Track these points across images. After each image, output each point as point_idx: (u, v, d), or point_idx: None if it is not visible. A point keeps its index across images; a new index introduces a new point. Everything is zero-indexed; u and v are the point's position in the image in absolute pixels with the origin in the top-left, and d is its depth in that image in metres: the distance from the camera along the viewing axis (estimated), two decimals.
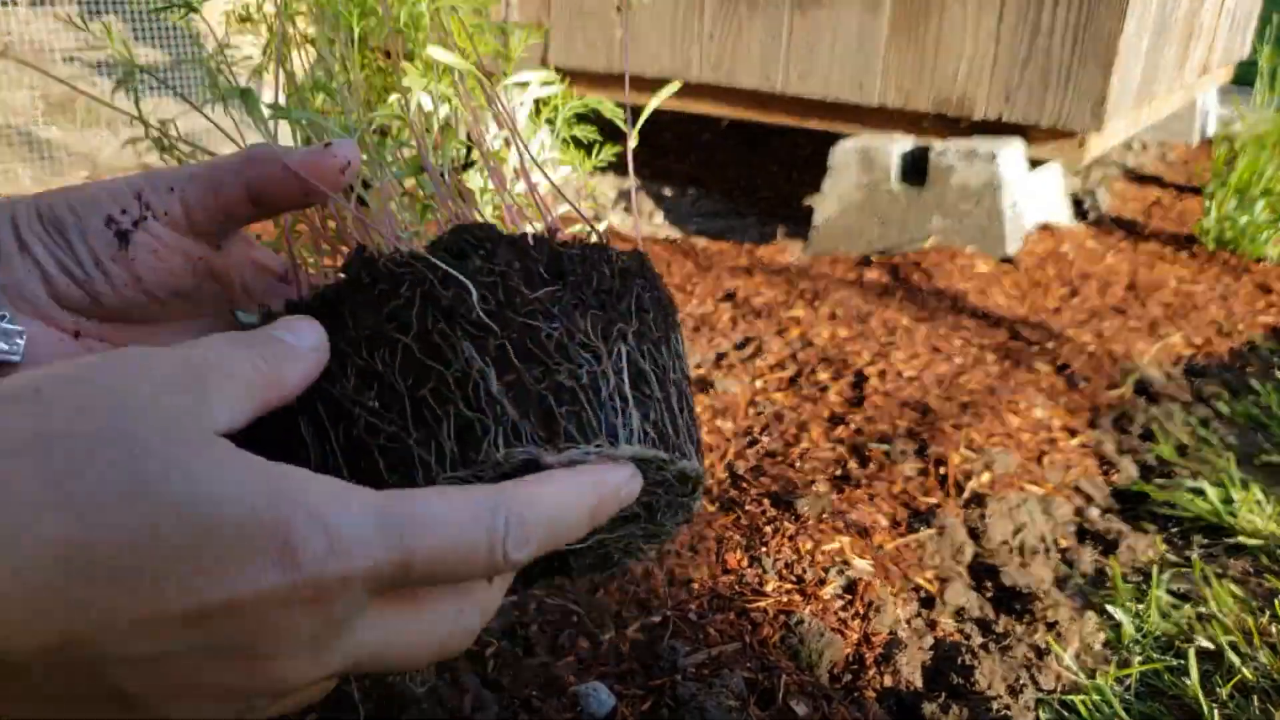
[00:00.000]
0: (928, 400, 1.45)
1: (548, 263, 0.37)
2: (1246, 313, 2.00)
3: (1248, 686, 0.94)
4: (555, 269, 0.37)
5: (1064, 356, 1.70)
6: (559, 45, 2.73)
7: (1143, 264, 2.24)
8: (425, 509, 0.27)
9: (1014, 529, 1.18)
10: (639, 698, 0.85)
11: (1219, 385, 1.67)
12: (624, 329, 0.37)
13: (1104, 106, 2.11)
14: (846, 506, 1.17)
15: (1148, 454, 1.42)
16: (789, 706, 0.85)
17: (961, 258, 2.12)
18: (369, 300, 0.35)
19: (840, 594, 1.03)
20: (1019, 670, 0.94)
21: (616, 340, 0.36)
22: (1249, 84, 2.76)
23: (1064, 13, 2.10)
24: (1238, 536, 1.20)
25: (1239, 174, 2.31)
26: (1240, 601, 1.07)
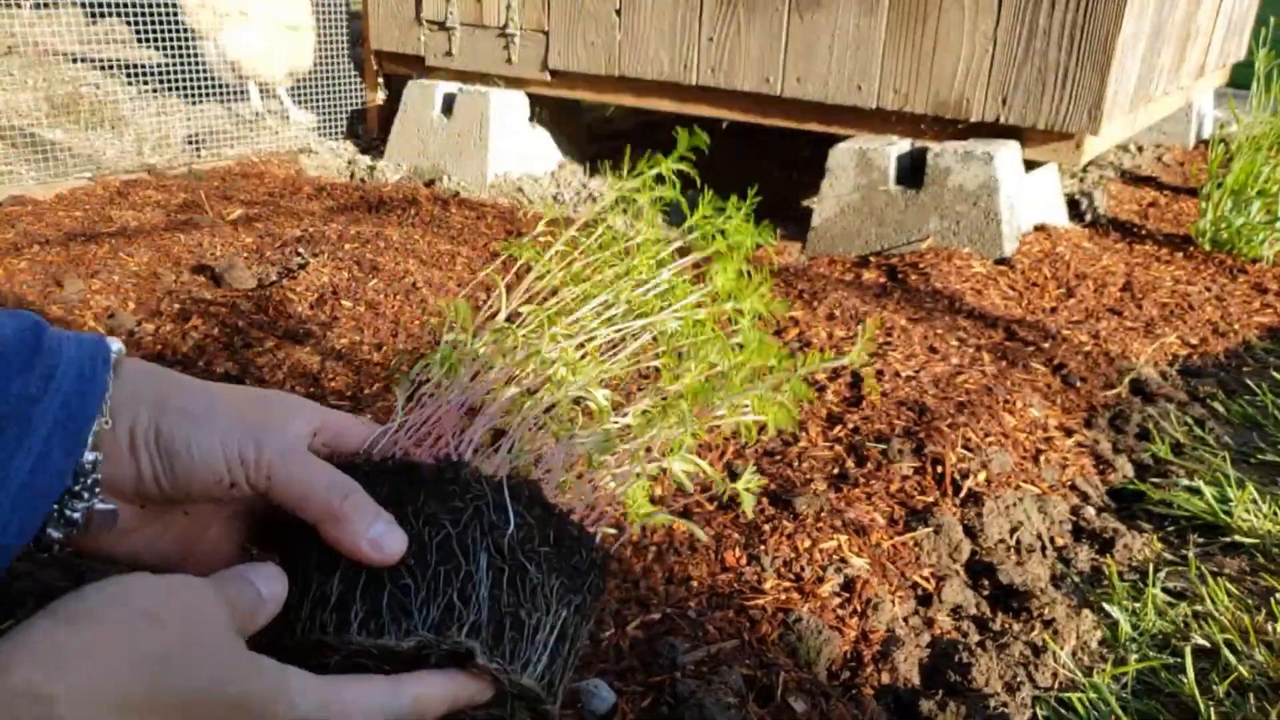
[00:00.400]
0: (925, 400, 1.46)
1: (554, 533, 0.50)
2: (1242, 313, 2.01)
3: (1244, 684, 0.94)
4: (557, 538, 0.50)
5: (1060, 356, 1.70)
6: (559, 48, 2.74)
7: (1139, 265, 2.25)
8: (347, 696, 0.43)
9: (1010, 527, 1.18)
10: (639, 694, 0.86)
11: (1215, 385, 1.68)
12: (572, 599, 0.50)
13: (1100, 109, 2.12)
14: (844, 505, 1.18)
15: (1144, 453, 1.43)
16: (787, 703, 0.86)
17: (958, 258, 2.12)
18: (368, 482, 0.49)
19: (838, 592, 1.03)
20: (1016, 668, 0.95)
21: (561, 605, 0.49)
22: (1245, 86, 2.77)
23: (1061, 15, 2.11)
24: (1234, 535, 1.21)
25: (1235, 175, 2.32)
26: (1236, 600, 1.07)
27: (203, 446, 0.46)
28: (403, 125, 2.98)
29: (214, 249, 2.09)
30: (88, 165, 2.73)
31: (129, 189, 2.53)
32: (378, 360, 1.63)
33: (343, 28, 3.29)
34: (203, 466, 0.46)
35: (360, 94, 3.34)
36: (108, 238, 2.12)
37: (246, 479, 0.46)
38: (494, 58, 2.87)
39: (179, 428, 0.46)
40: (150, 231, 2.18)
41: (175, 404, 0.47)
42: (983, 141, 2.24)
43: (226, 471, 0.46)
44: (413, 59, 3.07)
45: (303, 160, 3.03)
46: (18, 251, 1.99)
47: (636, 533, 1.11)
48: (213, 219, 2.32)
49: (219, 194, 2.54)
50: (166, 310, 1.76)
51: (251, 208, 2.44)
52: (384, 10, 3.06)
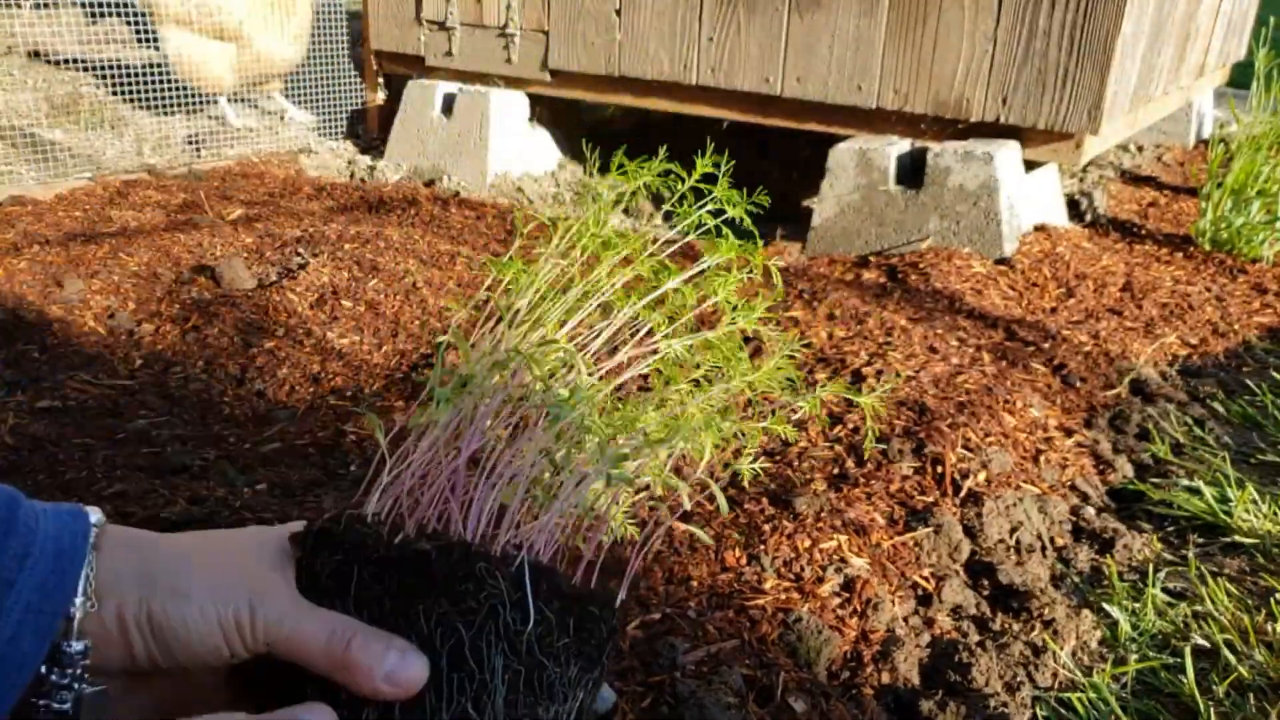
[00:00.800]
0: (925, 400, 1.46)
1: (575, 622, 0.48)
2: (1242, 313, 2.01)
3: (1244, 684, 0.94)
4: (577, 627, 0.48)
5: (1060, 356, 1.70)
6: (558, 49, 2.74)
7: (1139, 265, 2.25)
8: None
9: (1010, 527, 1.18)
10: (639, 694, 0.86)
11: (1215, 385, 1.68)
12: (588, 680, 0.48)
13: (1100, 108, 2.12)
14: (844, 505, 1.18)
15: (1144, 453, 1.43)
16: (787, 703, 0.86)
17: (958, 258, 2.12)
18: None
19: (838, 592, 1.03)
20: (1016, 668, 0.95)
21: (580, 689, 0.48)
22: (1245, 86, 2.77)
23: (1061, 15, 2.11)
24: (1234, 535, 1.21)
25: (1235, 175, 2.32)
26: (1236, 600, 1.07)
27: (197, 623, 0.44)
28: (403, 125, 2.98)
29: (214, 249, 2.09)
30: (88, 165, 2.73)
31: (129, 189, 2.53)
32: (378, 360, 1.63)
33: (342, 28, 3.29)
34: (199, 642, 0.45)
35: (360, 94, 3.34)
36: (108, 238, 2.12)
37: (244, 645, 0.45)
38: (494, 58, 2.87)
39: (171, 606, 0.44)
40: (150, 232, 2.18)
41: (165, 582, 0.45)
42: (983, 141, 2.24)
43: (225, 644, 0.45)
44: (413, 59, 3.07)
45: (302, 160, 3.03)
46: (18, 251, 1.99)
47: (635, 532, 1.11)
48: (212, 219, 2.32)
49: (219, 194, 2.54)
50: (166, 310, 1.76)
51: (251, 208, 2.44)
52: (384, 10, 3.06)
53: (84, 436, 1.28)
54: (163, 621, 0.44)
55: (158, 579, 0.45)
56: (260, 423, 1.38)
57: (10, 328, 1.63)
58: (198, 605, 0.44)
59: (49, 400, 1.38)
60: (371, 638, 0.45)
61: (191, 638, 0.44)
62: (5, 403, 1.35)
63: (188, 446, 1.29)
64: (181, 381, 1.50)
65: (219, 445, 1.32)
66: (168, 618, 0.44)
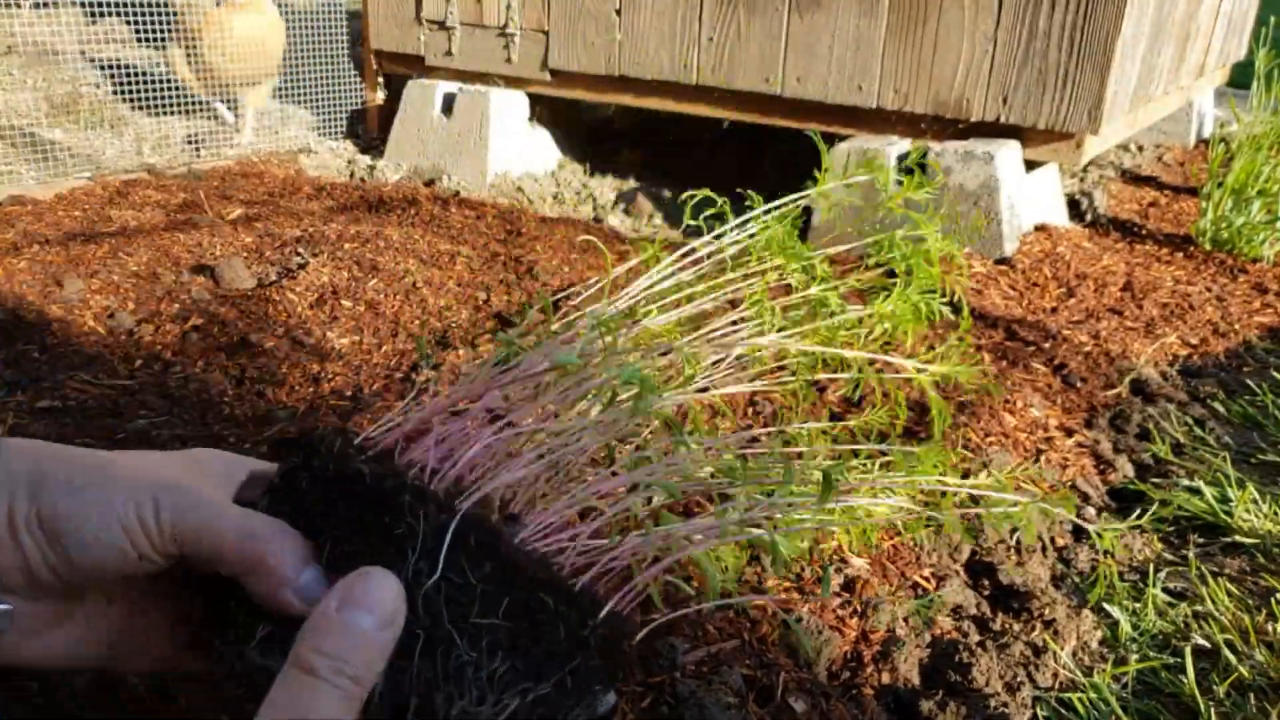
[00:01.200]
0: (925, 400, 1.46)
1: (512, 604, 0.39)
2: (1242, 313, 2.01)
3: (1244, 684, 0.94)
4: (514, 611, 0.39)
5: (1061, 356, 1.70)
6: (558, 48, 2.74)
7: (1139, 265, 2.25)
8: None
9: (1011, 527, 1.18)
10: (639, 694, 0.86)
11: (1215, 385, 1.68)
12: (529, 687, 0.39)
13: (1100, 108, 2.12)
14: None
15: (1144, 453, 1.43)
16: (787, 703, 0.86)
17: (958, 258, 2.12)
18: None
19: (838, 592, 1.03)
20: (1016, 668, 0.95)
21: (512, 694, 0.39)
22: (1245, 86, 2.77)
23: (1061, 15, 2.11)
24: (1234, 535, 1.21)
25: (1235, 175, 2.32)
26: (1237, 600, 1.07)
27: (93, 520, 0.39)
28: (402, 125, 2.97)
29: (213, 249, 2.09)
30: (87, 165, 2.73)
31: (129, 189, 2.53)
32: (378, 360, 1.63)
33: (342, 27, 3.29)
34: (98, 543, 0.39)
35: (360, 94, 3.34)
36: (107, 237, 2.12)
37: (153, 546, 0.40)
38: (494, 57, 2.87)
39: (62, 504, 0.39)
40: (150, 231, 2.18)
41: (60, 480, 0.40)
42: (983, 141, 2.24)
43: (128, 543, 0.39)
44: (412, 59, 3.07)
45: (302, 160, 3.03)
46: (17, 251, 1.99)
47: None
48: (212, 219, 2.32)
49: (218, 194, 2.54)
50: (166, 310, 1.76)
51: (251, 207, 2.44)
52: (384, 10, 3.06)
53: (84, 436, 1.28)
54: (54, 520, 0.39)
55: (51, 477, 0.40)
56: (260, 422, 1.38)
57: (10, 328, 1.63)
58: (95, 501, 0.40)
59: (49, 400, 1.38)
60: (297, 549, 0.40)
61: (87, 537, 0.39)
62: (5, 403, 1.35)
63: (188, 446, 1.29)
64: (181, 381, 1.50)
65: (219, 445, 1.32)
66: (57, 516, 0.39)
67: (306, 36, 3.19)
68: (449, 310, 1.83)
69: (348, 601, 0.36)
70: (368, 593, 0.36)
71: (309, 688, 0.34)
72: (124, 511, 0.40)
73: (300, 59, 3.20)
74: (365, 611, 0.36)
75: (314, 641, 0.35)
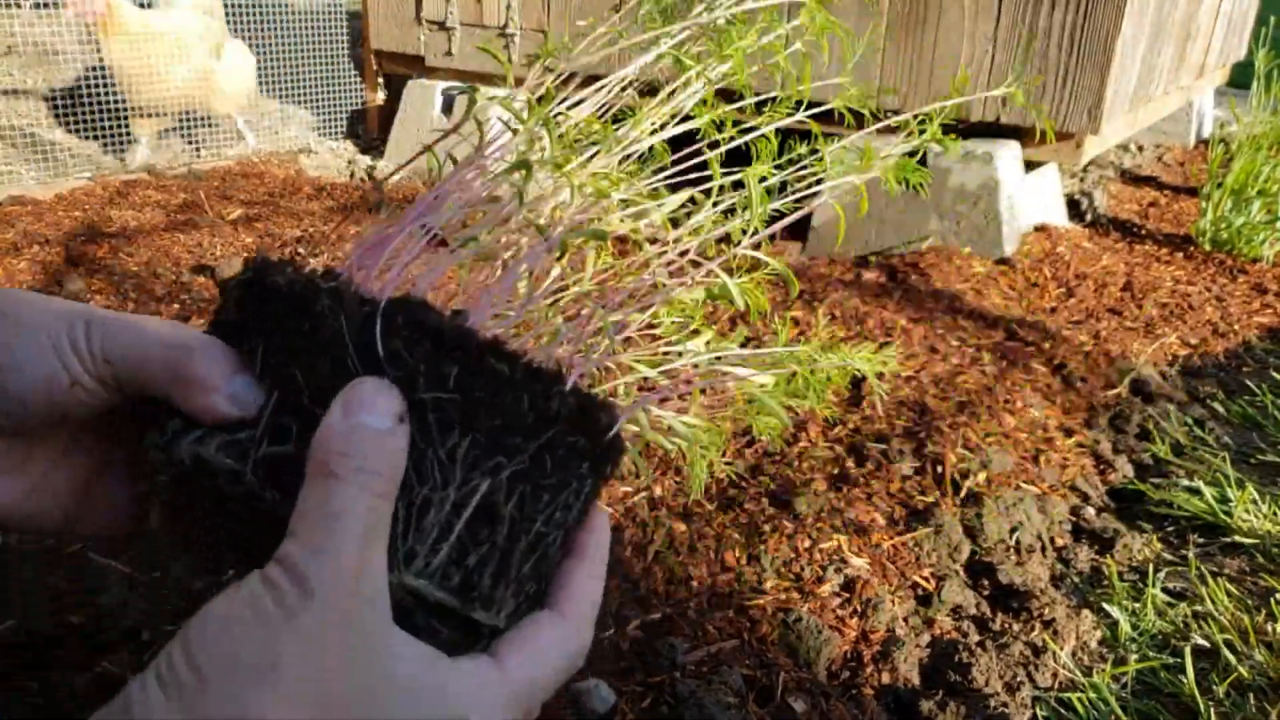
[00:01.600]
0: (925, 400, 1.46)
1: (461, 372, 0.36)
2: (1242, 313, 2.01)
3: (1244, 684, 0.94)
4: (465, 383, 0.36)
5: (1060, 356, 1.70)
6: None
7: (1139, 265, 2.25)
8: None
9: (1010, 528, 1.18)
10: (639, 694, 0.86)
11: (1215, 385, 1.68)
12: (501, 463, 0.36)
13: (1100, 109, 2.12)
14: (844, 505, 1.18)
15: (1144, 453, 1.43)
16: (787, 703, 0.86)
17: (958, 258, 2.12)
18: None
19: (838, 592, 1.03)
20: (1016, 668, 0.95)
21: (480, 474, 0.36)
22: (1245, 86, 2.77)
23: (1060, 16, 2.11)
24: (1234, 535, 1.21)
25: (1235, 175, 2.32)
26: (1236, 600, 1.07)
27: (23, 342, 0.38)
28: (403, 125, 2.97)
29: (214, 249, 2.09)
30: (87, 165, 2.73)
31: (129, 189, 2.53)
32: None
33: (342, 28, 3.29)
34: (29, 365, 0.38)
35: (360, 94, 3.34)
36: (108, 238, 2.12)
37: (84, 368, 0.38)
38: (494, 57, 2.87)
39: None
40: (150, 231, 2.18)
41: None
42: (983, 142, 2.24)
43: (60, 365, 0.38)
44: (412, 59, 3.07)
45: (302, 160, 3.03)
46: (17, 251, 1.99)
47: (638, 533, 1.11)
48: (212, 219, 2.32)
49: (219, 194, 2.54)
50: (166, 310, 1.76)
51: (251, 208, 2.44)
52: (384, 10, 3.06)
53: None
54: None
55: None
56: None
57: None
58: (24, 323, 0.38)
59: None
60: (227, 357, 0.38)
61: (16, 359, 0.38)
62: None
63: None
64: None
65: None
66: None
67: (306, 37, 3.19)
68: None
69: (350, 408, 0.35)
70: (365, 396, 0.35)
71: (333, 488, 0.33)
72: (54, 333, 0.38)
73: (300, 59, 3.20)
74: (369, 413, 0.35)
75: (326, 448, 0.34)
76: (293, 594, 0.31)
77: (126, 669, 0.84)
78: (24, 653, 0.86)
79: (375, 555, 0.33)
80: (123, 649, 0.87)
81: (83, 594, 0.93)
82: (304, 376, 0.37)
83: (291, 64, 3.18)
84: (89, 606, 0.92)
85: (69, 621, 0.90)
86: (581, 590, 0.39)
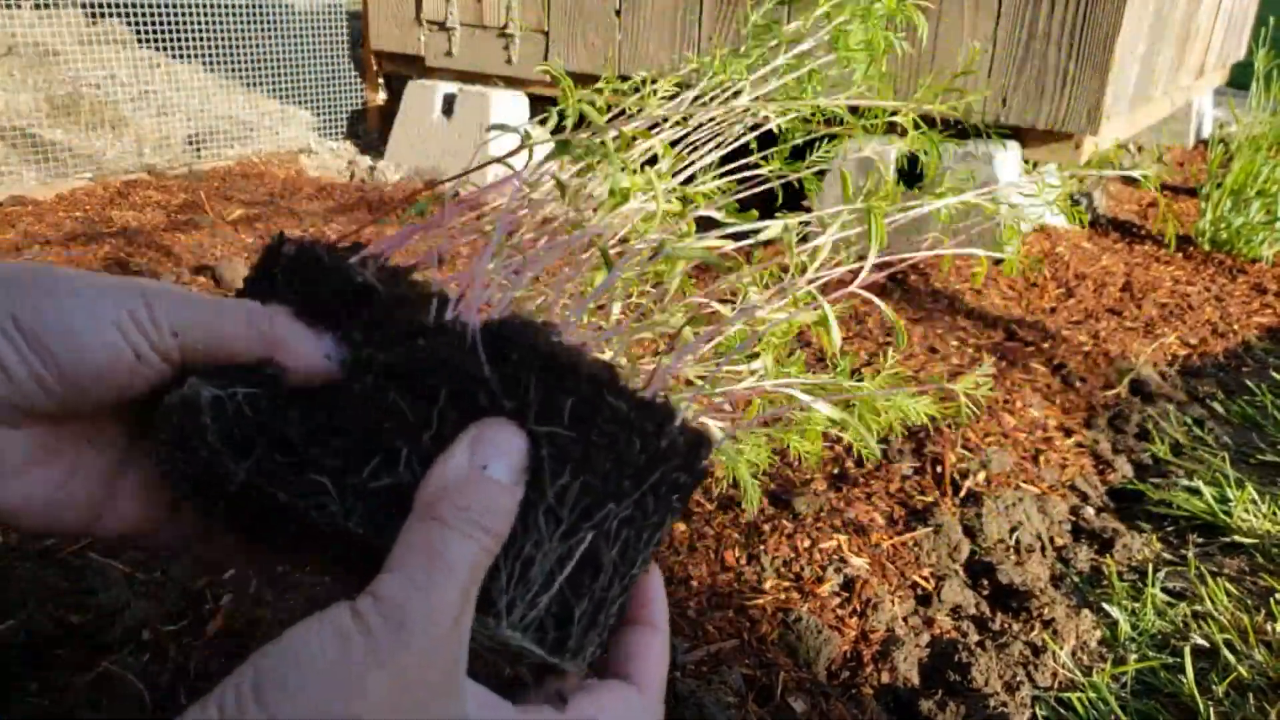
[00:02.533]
0: None
1: (576, 404, 0.34)
2: (1242, 313, 2.01)
3: (1244, 684, 0.94)
4: (580, 417, 0.34)
5: (1060, 356, 1.70)
6: (559, 48, 2.74)
7: (1138, 265, 2.25)
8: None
9: (1010, 527, 1.18)
10: None
11: (1214, 385, 1.68)
12: (610, 511, 0.34)
13: (1100, 109, 2.12)
14: (844, 505, 1.18)
15: (1143, 453, 1.43)
16: (787, 703, 0.86)
17: (958, 258, 2.13)
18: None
19: (838, 591, 1.03)
20: (1015, 668, 0.95)
21: (589, 525, 0.34)
22: (1245, 86, 2.77)
23: (1060, 16, 2.11)
24: (1233, 535, 1.21)
25: (1234, 176, 2.32)
26: (1236, 600, 1.07)
27: (81, 317, 0.36)
28: (403, 125, 2.98)
29: (214, 249, 2.09)
30: (88, 166, 2.73)
31: (129, 189, 2.53)
32: None
33: (343, 28, 3.29)
34: (88, 342, 0.35)
35: (360, 94, 3.35)
36: (108, 238, 2.12)
37: (150, 342, 0.36)
38: (494, 58, 2.87)
39: (44, 304, 0.36)
40: (151, 232, 2.19)
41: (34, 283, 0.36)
42: (982, 142, 2.24)
43: (122, 339, 0.36)
44: (413, 59, 3.08)
45: (303, 160, 3.03)
46: (18, 252, 2.00)
47: None
48: (213, 219, 2.32)
49: (219, 194, 2.54)
50: None
51: (252, 208, 2.44)
52: (384, 10, 3.07)
53: None
54: (35, 321, 0.35)
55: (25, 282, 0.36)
56: None
57: None
58: (82, 300, 0.36)
59: None
60: (294, 319, 0.38)
61: (76, 336, 0.36)
62: None
63: None
64: None
65: None
66: (41, 315, 0.35)
67: (307, 37, 3.19)
68: None
69: (477, 452, 0.34)
70: (495, 444, 0.34)
71: (444, 536, 0.32)
72: (114, 309, 0.36)
73: (301, 60, 3.20)
74: (496, 462, 0.33)
75: (443, 492, 0.33)
76: (386, 635, 0.30)
77: (127, 670, 0.85)
78: (24, 653, 0.86)
79: (471, 606, 0.32)
80: (123, 649, 0.88)
81: (82, 594, 0.93)
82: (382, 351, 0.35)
83: (292, 64, 3.18)
84: (89, 607, 0.92)
85: (69, 621, 0.90)
86: (657, 664, 0.38)
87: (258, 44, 3.09)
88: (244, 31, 3.06)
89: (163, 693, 0.84)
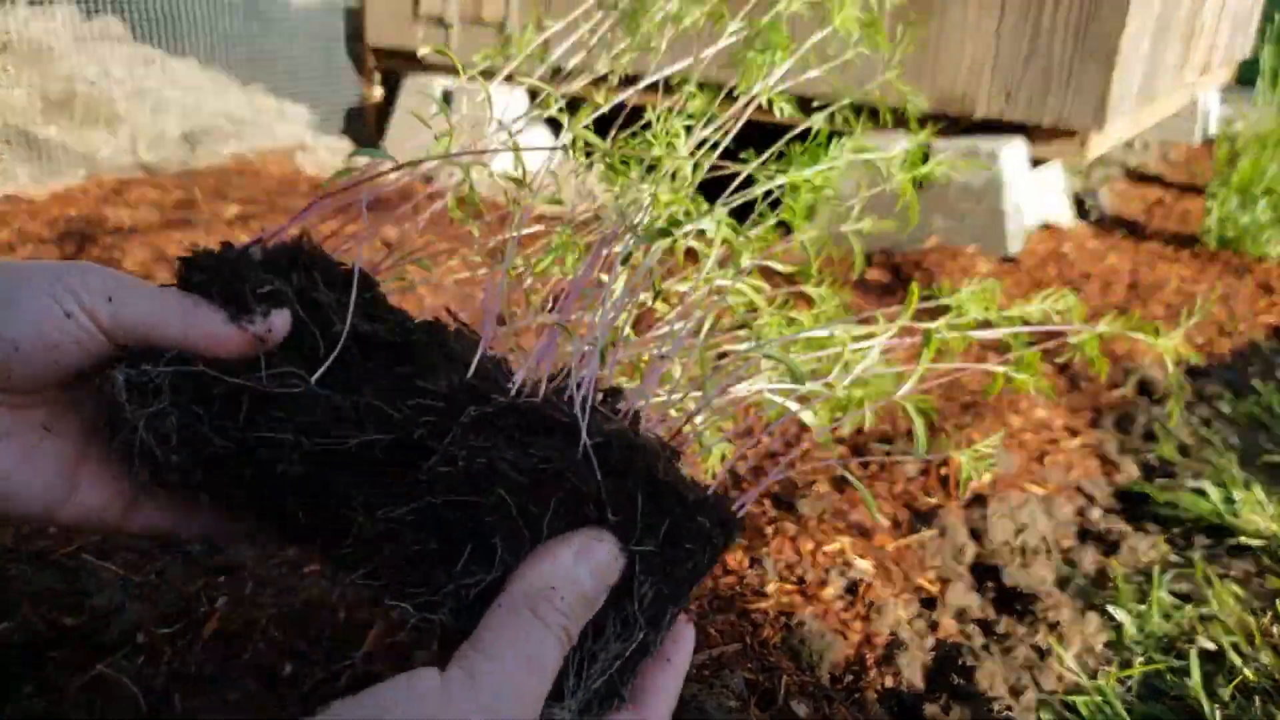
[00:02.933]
0: None
1: (672, 526, 0.37)
2: (1248, 312, 1.99)
3: (1250, 687, 0.93)
4: (672, 537, 0.37)
5: None
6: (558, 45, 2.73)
7: (1144, 263, 2.23)
8: None
9: (1015, 529, 1.17)
10: None
11: (1221, 385, 1.66)
12: (674, 614, 0.39)
13: (1105, 106, 2.10)
14: (848, 507, 1.16)
15: (1149, 454, 1.42)
16: (789, 707, 0.85)
17: (963, 257, 2.11)
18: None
19: (841, 595, 1.02)
20: (1020, 671, 0.94)
21: (654, 629, 0.38)
22: (1251, 83, 2.75)
23: (1065, 12, 2.09)
24: (1240, 537, 1.19)
25: (1241, 173, 2.31)
26: (1242, 602, 1.06)
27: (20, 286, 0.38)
28: (400, 122, 2.96)
29: None
30: (83, 163, 2.72)
31: (124, 187, 2.52)
32: None
33: (339, 24, 3.27)
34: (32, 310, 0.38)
35: (357, 90, 3.33)
36: (103, 236, 2.11)
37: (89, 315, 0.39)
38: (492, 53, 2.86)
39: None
40: (145, 230, 2.17)
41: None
42: (987, 139, 2.22)
43: (59, 310, 0.38)
44: (410, 55, 3.06)
45: (299, 157, 3.02)
46: (12, 250, 1.98)
47: None
48: (209, 217, 2.30)
49: (215, 192, 2.53)
50: None
51: (248, 206, 2.43)
52: (381, 6, 3.05)
53: None
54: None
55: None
56: None
57: None
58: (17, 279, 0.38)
59: None
60: (209, 301, 0.41)
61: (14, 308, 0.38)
62: None
63: None
64: None
65: None
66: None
67: (303, 34, 3.18)
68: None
69: (582, 563, 0.37)
70: (601, 563, 0.37)
71: (535, 631, 0.36)
72: (49, 282, 0.39)
73: (297, 56, 3.18)
74: (595, 576, 0.37)
75: (542, 592, 0.36)
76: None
77: (122, 673, 0.83)
78: (21, 654, 0.85)
79: (543, 700, 0.36)
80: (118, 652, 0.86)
81: (77, 596, 0.92)
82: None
83: (288, 61, 3.16)
84: (83, 609, 0.91)
85: (63, 624, 0.89)
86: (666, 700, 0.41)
87: (254, 40, 3.07)
88: (240, 28, 3.05)
89: (158, 696, 0.83)
